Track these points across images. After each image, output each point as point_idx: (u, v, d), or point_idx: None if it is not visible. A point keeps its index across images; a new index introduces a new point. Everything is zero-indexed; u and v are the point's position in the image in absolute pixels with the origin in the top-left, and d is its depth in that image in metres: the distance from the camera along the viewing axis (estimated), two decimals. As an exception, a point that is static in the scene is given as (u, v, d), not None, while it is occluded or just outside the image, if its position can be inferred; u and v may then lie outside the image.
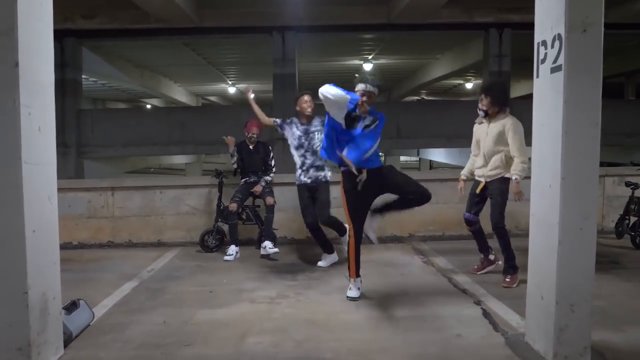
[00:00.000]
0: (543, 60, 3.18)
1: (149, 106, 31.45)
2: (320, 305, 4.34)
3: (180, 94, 27.22)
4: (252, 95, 6.24)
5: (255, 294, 4.66)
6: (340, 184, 4.52)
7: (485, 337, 3.59)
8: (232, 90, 27.54)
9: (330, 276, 5.27)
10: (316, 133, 5.73)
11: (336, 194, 7.21)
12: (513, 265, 4.88)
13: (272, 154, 6.63)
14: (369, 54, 18.74)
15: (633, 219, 6.54)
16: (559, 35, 2.98)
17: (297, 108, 5.88)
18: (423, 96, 29.49)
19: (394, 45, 17.31)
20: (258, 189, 6.36)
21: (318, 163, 5.74)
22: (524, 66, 20.16)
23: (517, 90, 24.11)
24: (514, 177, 4.73)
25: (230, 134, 6.64)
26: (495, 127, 4.89)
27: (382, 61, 19.66)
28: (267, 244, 6.05)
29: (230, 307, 4.31)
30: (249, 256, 6.23)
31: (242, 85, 25.45)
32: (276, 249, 6.02)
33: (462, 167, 5.52)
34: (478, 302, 4.33)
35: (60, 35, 14.50)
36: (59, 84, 15.04)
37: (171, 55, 18.45)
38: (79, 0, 10.37)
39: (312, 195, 5.72)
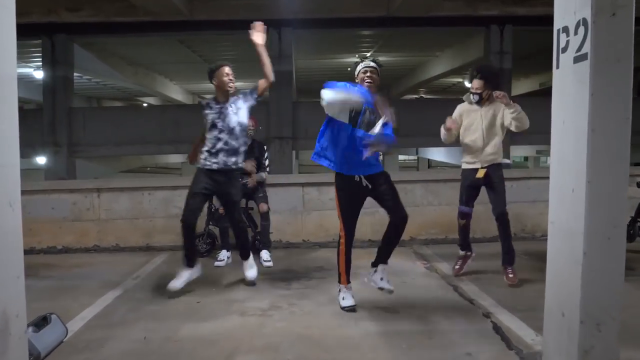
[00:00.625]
0: (564, 49, 2.83)
1: (145, 105, 31.06)
2: (316, 318, 4.00)
3: (177, 92, 26.82)
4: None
5: (246, 305, 4.31)
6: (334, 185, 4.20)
7: (498, 356, 3.25)
8: (228, 88, 27.10)
9: (328, 284, 4.92)
10: (232, 114, 4.82)
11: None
12: (513, 256, 4.89)
13: (266, 154, 6.25)
14: (367, 51, 18.39)
15: (646, 222, 6.21)
16: (584, 19, 2.63)
17: (215, 82, 4.88)
18: (422, 94, 29.13)
19: (392, 42, 16.96)
20: (252, 181, 5.93)
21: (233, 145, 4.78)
22: (526, 64, 20.01)
23: (518, 89, 23.80)
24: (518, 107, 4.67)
25: None
26: (489, 110, 4.84)
27: (380, 59, 18.94)
28: (265, 255, 5.86)
29: (217, 321, 3.96)
30: (241, 262, 5.86)
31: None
32: (270, 263, 5.78)
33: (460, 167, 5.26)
34: (487, 315, 3.99)
35: (50, 32, 14.17)
36: (50, 81, 14.78)
37: (165, 52, 18.07)
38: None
39: (214, 188, 4.76)
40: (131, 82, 21.45)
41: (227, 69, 4.89)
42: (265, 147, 6.28)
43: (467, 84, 19.46)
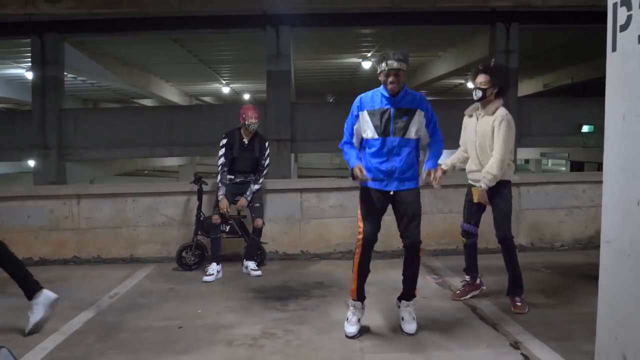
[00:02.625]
0: (624, 26, 2.27)
1: (137, 106, 30.53)
2: (315, 349, 3.41)
3: (173, 94, 26.29)
4: None
5: (234, 332, 3.73)
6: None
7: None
8: (226, 90, 26.64)
9: (329, 304, 4.35)
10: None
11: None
12: (521, 284, 4.24)
13: (267, 152, 5.67)
14: (368, 51, 17.88)
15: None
16: (655, -13, 2.08)
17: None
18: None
19: (394, 41, 16.41)
20: (242, 204, 5.50)
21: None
22: (530, 64, 19.50)
23: (522, 90, 23.26)
24: (480, 184, 4.16)
25: (221, 135, 5.71)
26: (486, 122, 4.20)
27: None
28: (250, 264, 5.49)
29: (199, 353, 3.38)
30: (232, 276, 5.32)
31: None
32: (259, 272, 5.40)
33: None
34: (515, 344, 3.41)
35: (40, 30, 13.65)
36: (39, 81, 14.24)
37: (160, 52, 17.55)
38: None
39: None
40: (126, 83, 20.93)
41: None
42: (267, 145, 5.70)
43: (469, 85, 18.81)
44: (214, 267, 5.31)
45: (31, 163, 15.64)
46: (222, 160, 5.52)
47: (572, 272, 5.34)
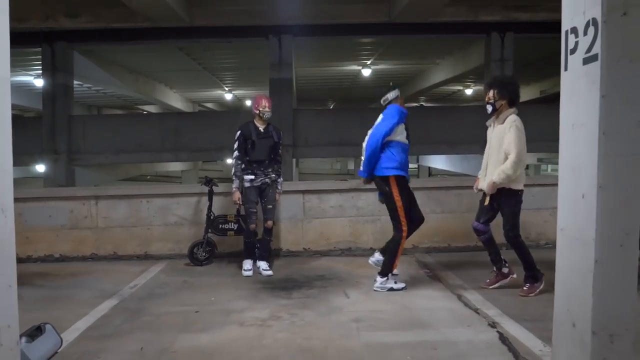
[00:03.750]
0: (573, 50, 2.75)
1: (144, 112, 31.04)
2: (317, 328, 3.88)
3: (176, 101, 26.79)
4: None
5: (245, 315, 4.20)
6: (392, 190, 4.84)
7: (505, 368, 3.15)
8: (228, 96, 27.15)
9: (328, 294, 4.81)
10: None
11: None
12: (534, 275, 4.62)
13: (281, 140, 5.91)
14: (368, 59, 18.36)
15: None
16: (594, 19, 2.55)
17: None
18: (422, 102, 29.12)
19: (393, 49, 16.92)
20: (276, 197, 5.82)
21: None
22: (526, 72, 19.95)
23: (521, 96, 23.65)
24: (494, 178, 4.52)
25: (225, 140, 6.19)
26: (499, 130, 4.59)
27: (380, 66, 19.26)
28: (262, 264, 5.67)
29: (215, 332, 3.85)
30: (240, 271, 5.76)
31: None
32: (270, 272, 5.60)
33: (464, 175, 5.22)
34: (493, 325, 3.87)
35: (50, 40, 14.14)
36: (50, 89, 14.73)
37: (165, 60, 18.03)
38: (62, -2, 9.98)
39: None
40: (131, 90, 21.41)
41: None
42: (281, 134, 5.93)
43: (467, 92, 19.22)
44: (249, 263, 5.68)
45: (40, 168, 16.09)
46: (235, 153, 5.62)
47: (552, 266, 5.75)
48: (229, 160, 6.26)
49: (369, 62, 18.68)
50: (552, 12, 2.70)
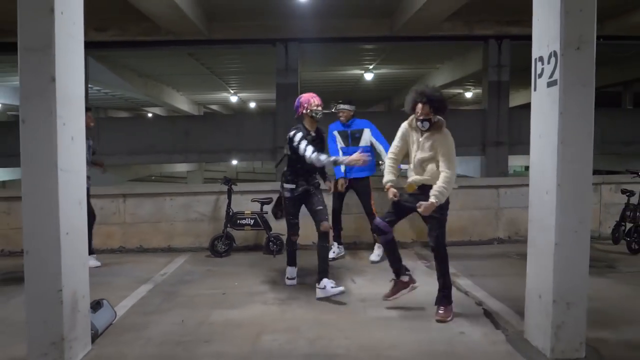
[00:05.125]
0: (540, 75, 3.42)
1: (150, 115, 31.76)
2: (330, 306, 4.55)
3: (183, 103, 27.50)
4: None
5: (267, 296, 4.88)
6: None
7: (487, 335, 3.81)
8: (234, 99, 27.84)
9: (337, 280, 5.45)
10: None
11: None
12: (448, 295, 4.30)
13: None
14: (370, 64, 19.03)
15: (629, 225, 6.76)
16: (555, 52, 3.21)
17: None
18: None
19: (394, 55, 17.59)
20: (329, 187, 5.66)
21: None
22: (523, 76, 20.52)
23: (516, 100, 24.40)
24: (432, 198, 4.06)
25: (233, 142, 6.80)
26: (432, 141, 4.24)
27: (382, 71, 19.95)
28: (327, 282, 4.76)
29: (243, 308, 4.52)
30: (258, 261, 6.42)
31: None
32: (341, 288, 4.75)
33: (461, 176, 5.73)
34: (480, 303, 4.54)
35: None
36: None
37: (175, 64, 18.72)
38: (92, 14, 10.65)
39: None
40: (140, 93, 22.11)
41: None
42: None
43: (467, 94, 19.84)
44: (293, 271, 5.45)
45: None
46: (310, 148, 4.75)
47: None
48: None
49: (371, 67, 19.34)
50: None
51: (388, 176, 4.49)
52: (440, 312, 4.20)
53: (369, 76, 19.82)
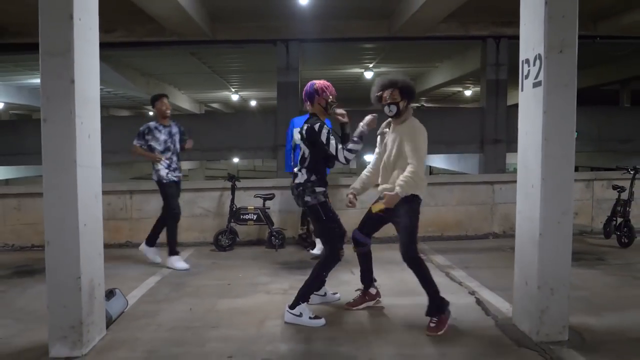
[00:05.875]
0: (527, 76, 3.64)
1: (151, 113, 31.98)
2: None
3: (184, 101, 27.75)
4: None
5: (270, 287, 5.12)
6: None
7: (477, 321, 4.05)
8: (234, 97, 28.09)
9: (337, 272, 5.64)
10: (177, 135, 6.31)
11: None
12: (439, 304, 3.90)
13: None
14: (370, 63, 19.27)
15: (619, 220, 6.98)
16: (540, 55, 3.44)
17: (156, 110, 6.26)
18: (423, 103, 30.03)
19: (394, 54, 17.84)
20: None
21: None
22: (521, 74, 20.80)
23: (515, 98, 24.50)
24: (396, 188, 3.80)
25: (234, 141, 7.01)
26: (397, 134, 3.97)
27: (382, 69, 20.17)
28: (304, 310, 4.08)
29: (248, 298, 4.76)
30: (260, 255, 6.66)
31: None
32: (322, 321, 4.06)
33: (460, 173, 5.92)
34: (472, 293, 4.78)
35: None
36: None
37: (178, 64, 18.95)
38: (101, 16, 10.94)
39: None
40: (142, 91, 22.34)
41: (165, 100, 6.24)
42: None
43: (467, 93, 20.11)
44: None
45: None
46: (339, 145, 3.97)
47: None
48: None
49: (371, 66, 19.58)
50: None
51: (355, 183, 4.31)
52: (432, 325, 3.80)
53: (368, 74, 20.05)
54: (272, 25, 13.76)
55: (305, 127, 4.08)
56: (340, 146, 3.95)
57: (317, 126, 4.01)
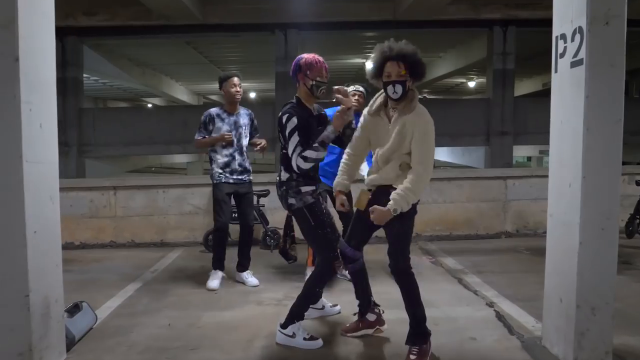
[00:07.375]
0: (562, 55, 3.07)
1: (150, 105, 31.42)
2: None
3: (182, 93, 27.16)
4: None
5: (262, 296, 4.56)
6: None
7: (500, 341, 3.48)
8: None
9: (338, 279, 5.15)
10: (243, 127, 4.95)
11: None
12: (423, 332, 3.22)
13: None
14: (372, 52, 18.64)
15: (644, 219, 6.43)
16: (580, 28, 2.87)
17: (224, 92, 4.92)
18: (425, 95, 29.43)
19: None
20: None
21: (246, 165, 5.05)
22: (528, 65, 20.20)
23: (522, 89, 24.03)
24: (390, 203, 3.05)
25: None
26: (402, 126, 3.13)
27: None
28: (298, 330, 3.51)
29: (237, 310, 4.21)
30: (253, 256, 6.08)
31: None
32: (319, 342, 3.48)
33: (465, 166, 5.39)
34: (491, 304, 4.22)
35: (61, 34, 14.46)
36: (60, 82, 15.01)
37: (173, 53, 18.39)
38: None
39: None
40: (138, 82, 21.82)
41: (236, 80, 4.91)
42: None
43: (470, 84, 19.50)
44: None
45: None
46: (298, 147, 3.28)
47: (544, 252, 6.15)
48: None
49: (372, 56, 18.96)
50: (550, 10, 2.91)
51: (339, 178, 3.45)
52: (412, 356, 3.10)
53: (370, 65, 19.43)
54: (266, 7, 13.06)
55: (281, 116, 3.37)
56: (299, 149, 3.24)
57: (285, 117, 3.31)
